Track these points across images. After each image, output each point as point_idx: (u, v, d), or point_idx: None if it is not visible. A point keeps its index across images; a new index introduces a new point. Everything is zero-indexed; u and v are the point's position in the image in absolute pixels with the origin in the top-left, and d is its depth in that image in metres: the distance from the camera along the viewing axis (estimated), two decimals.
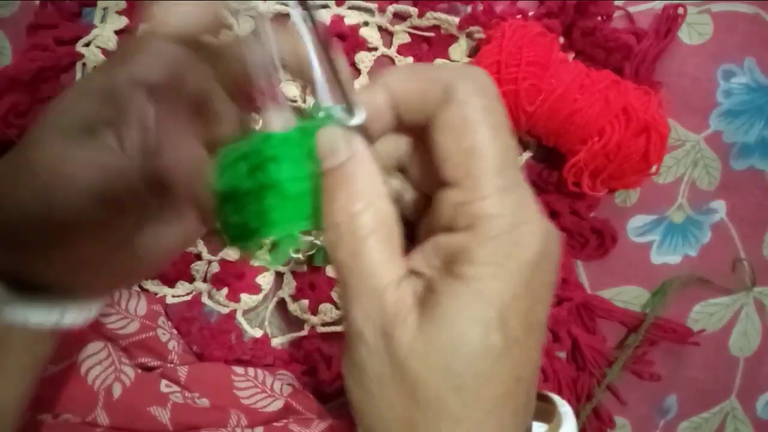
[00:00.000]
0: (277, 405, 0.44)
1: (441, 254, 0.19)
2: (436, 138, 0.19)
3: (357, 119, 0.19)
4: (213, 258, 0.47)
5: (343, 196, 0.19)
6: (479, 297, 0.18)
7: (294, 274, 0.48)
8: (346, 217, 0.19)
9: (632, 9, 0.47)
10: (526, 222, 0.19)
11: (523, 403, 0.19)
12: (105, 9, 0.46)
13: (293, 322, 0.49)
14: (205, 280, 0.48)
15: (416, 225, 0.23)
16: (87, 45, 0.45)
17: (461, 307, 0.18)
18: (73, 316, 0.25)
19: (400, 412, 0.18)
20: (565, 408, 0.22)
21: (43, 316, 0.24)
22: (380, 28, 0.46)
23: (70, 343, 0.37)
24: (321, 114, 0.20)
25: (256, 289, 0.48)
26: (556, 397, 0.23)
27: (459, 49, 0.47)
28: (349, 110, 0.20)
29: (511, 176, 0.19)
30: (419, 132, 0.21)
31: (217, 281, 0.48)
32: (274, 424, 0.42)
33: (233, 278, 0.48)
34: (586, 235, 0.49)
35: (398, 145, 0.22)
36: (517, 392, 0.19)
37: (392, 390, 0.18)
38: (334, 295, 0.48)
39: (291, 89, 0.46)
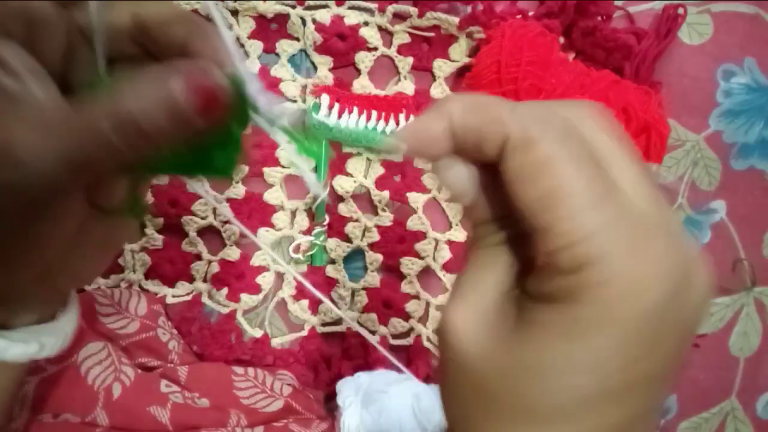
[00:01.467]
0: (277, 405, 0.44)
1: (546, 290, 0.17)
2: (511, 187, 0.17)
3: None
4: (213, 258, 0.47)
5: (476, 222, 0.20)
6: (574, 337, 0.16)
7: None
8: (478, 234, 0.20)
9: (632, 9, 0.47)
10: (647, 262, 0.16)
11: None
12: None
13: (293, 322, 0.49)
14: (205, 280, 0.48)
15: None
16: None
17: (552, 340, 0.17)
18: (51, 342, 0.25)
19: (470, 412, 0.18)
20: None
21: (21, 349, 0.23)
22: (380, 28, 0.46)
23: (70, 342, 0.37)
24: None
25: (256, 289, 0.48)
26: None
27: (459, 49, 0.47)
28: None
29: (616, 208, 0.16)
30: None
31: (217, 281, 0.48)
32: (274, 424, 0.42)
33: (233, 278, 0.48)
34: None
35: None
36: None
37: (465, 390, 0.18)
38: (334, 295, 0.48)
39: (290, 89, 0.46)
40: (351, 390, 0.43)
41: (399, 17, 0.46)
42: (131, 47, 0.22)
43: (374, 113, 0.45)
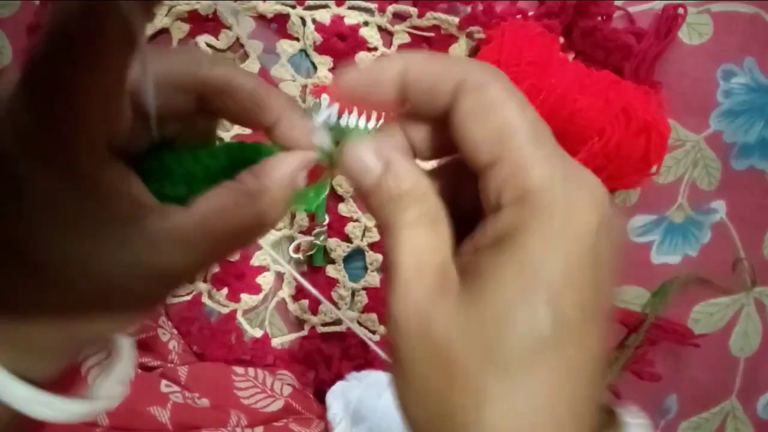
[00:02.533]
0: (277, 405, 0.44)
1: (489, 234, 0.18)
2: (463, 125, 0.19)
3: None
4: None
5: (386, 201, 0.19)
6: (528, 275, 0.16)
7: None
8: (392, 216, 0.19)
9: (632, 9, 0.47)
10: (581, 189, 0.17)
11: (582, 399, 0.17)
12: None
13: (293, 322, 0.49)
14: (205, 280, 0.48)
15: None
16: None
17: (506, 285, 0.17)
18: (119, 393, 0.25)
19: (435, 391, 0.17)
20: (636, 421, 0.19)
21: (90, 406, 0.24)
22: (380, 28, 0.46)
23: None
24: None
25: (256, 289, 0.48)
26: (624, 410, 0.19)
27: (459, 49, 0.47)
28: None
29: (551, 146, 0.18)
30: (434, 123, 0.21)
31: (217, 281, 0.48)
32: (274, 424, 0.42)
33: (233, 278, 0.48)
34: None
35: (412, 134, 0.21)
36: (572, 386, 0.17)
37: (428, 369, 0.17)
38: (334, 295, 0.48)
39: (290, 89, 0.46)
40: (340, 406, 0.43)
41: (399, 17, 0.46)
42: (189, 116, 0.22)
43: (374, 113, 0.45)
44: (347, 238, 0.48)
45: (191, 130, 0.23)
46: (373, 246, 0.48)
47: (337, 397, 0.43)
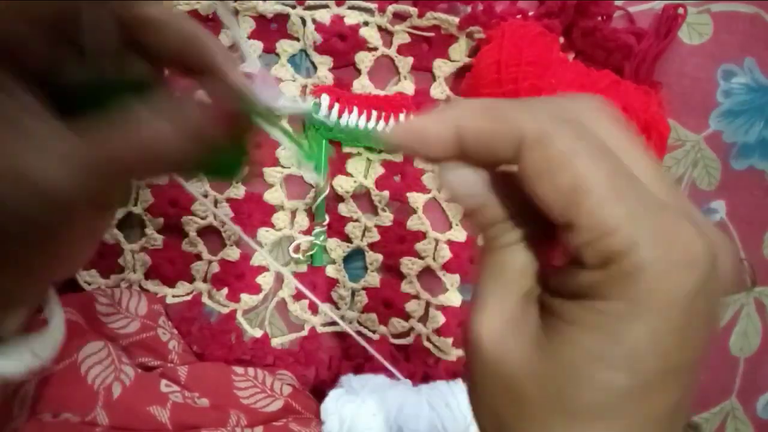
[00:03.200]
0: (277, 405, 0.44)
1: (571, 286, 0.17)
2: (530, 186, 0.17)
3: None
4: (213, 258, 0.47)
5: (488, 223, 0.19)
6: (607, 332, 0.16)
7: (294, 274, 0.48)
8: (492, 236, 0.19)
9: (632, 9, 0.47)
10: (673, 248, 0.16)
11: None
12: None
13: (293, 322, 0.49)
14: (205, 280, 0.48)
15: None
16: None
17: (585, 338, 0.16)
18: (45, 352, 0.24)
19: (501, 419, 0.18)
20: None
21: (15, 364, 0.23)
22: (380, 28, 0.46)
23: (70, 342, 0.37)
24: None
25: (256, 289, 0.48)
26: None
27: (459, 49, 0.47)
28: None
29: (636, 198, 0.16)
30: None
31: (217, 281, 0.48)
32: (274, 423, 0.42)
33: (233, 278, 0.48)
34: None
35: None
36: None
37: (497, 397, 0.18)
38: (334, 295, 0.48)
39: (290, 89, 0.46)
40: (335, 424, 0.42)
41: (399, 17, 0.46)
42: (115, 42, 0.22)
43: (374, 113, 0.45)
44: (347, 238, 0.48)
45: (124, 64, 0.22)
46: (373, 246, 0.48)
47: (332, 414, 0.43)
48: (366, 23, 0.46)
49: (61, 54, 0.21)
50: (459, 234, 0.48)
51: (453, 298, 0.48)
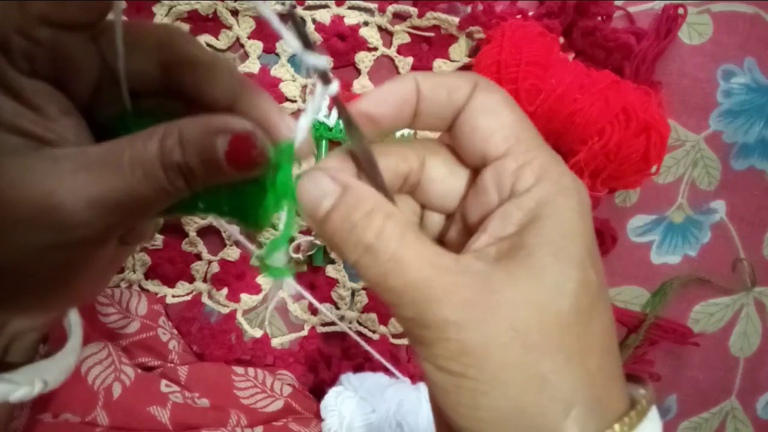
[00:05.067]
0: (277, 405, 0.44)
1: (514, 219, 0.20)
2: (475, 120, 0.21)
3: (333, 88, 0.19)
4: (213, 258, 0.47)
5: (360, 221, 0.19)
6: (570, 238, 0.19)
7: (294, 274, 0.48)
8: (372, 235, 0.18)
9: (632, 9, 0.47)
10: (569, 172, 0.20)
11: (617, 347, 0.20)
12: None
13: (293, 322, 0.49)
14: (205, 280, 0.48)
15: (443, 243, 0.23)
16: None
17: (554, 250, 0.18)
18: (54, 378, 0.24)
19: (519, 370, 0.18)
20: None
21: (26, 390, 0.23)
22: (380, 28, 0.46)
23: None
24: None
25: (256, 289, 0.48)
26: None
27: (459, 49, 0.47)
28: (325, 80, 0.19)
29: (546, 144, 0.21)
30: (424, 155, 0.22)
31: (217, 281, 0.48)
32: (274, 423, 0.42)
33: (233, 278, 0.48)
34: None
35: (404, 164, 0.22)
36: (613, 334, 0.19)
37: (505, 351, 0.18)
38: (333, 295, 0.48)
39: (290, 89, 0.46)
40: (335, 421, 0.43)
41: (399, 17, 0.46)
42: (158, 88, 0.22)
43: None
44: None
45: (167, 108, 0.23)
46: None
47: (332, 410, 0.43)
48: (366, 23, 0.46)
49: (106, 84, 0.21)
50: None
51: None
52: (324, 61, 0.18)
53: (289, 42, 0.17)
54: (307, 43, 0.17)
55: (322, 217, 0.19)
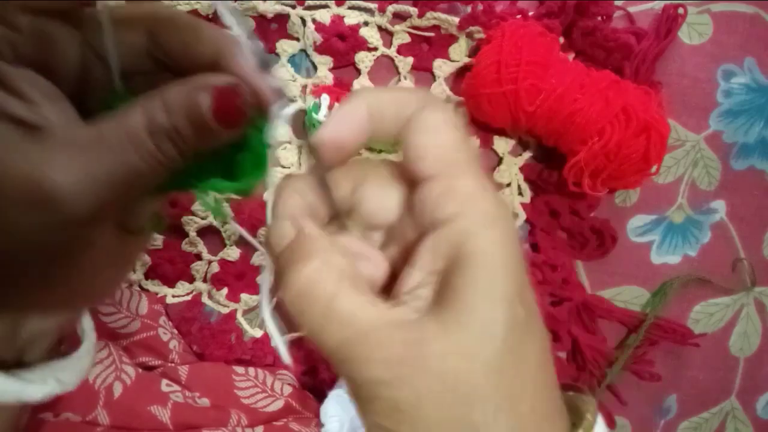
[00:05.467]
0: (278, 405, 0.44)
1: (441, 251, 0.19)
2: (412, 137, 0.21)
3: (288, 109, 0.20)
4: (213, 258, 0.48)
5: (298, 265, 0.19)
6: (494, 274, 0.18)
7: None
8: (305, 281, 0.19)
9: (632, 9, 0.47)
10: (501, 201, 0.20)
11: (554, 376, 0.20)
12: None
13: (293, 322, 0.49)
14: (205, 280, 0.48)
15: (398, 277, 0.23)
16: None
17: (480, 289, 0.18)
18: (69, 378, 0.24)
19: (450, 424, 0.17)
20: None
21: (38, 389, 0.23)
22: (380, 28, 0.46)
23: (70, 342, 0.37)
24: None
25: (256, 289, 0.48)
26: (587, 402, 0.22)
27: (459, 49, 0.47)
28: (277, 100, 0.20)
29: (480, 169, 0.21)
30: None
31: (217, 281, 0.48)
32: (274, 423, 0.42)
33: (233, 278, 0.48)
34: (586, 235, 0.49)
35: (340, 190, 0.22)
36: (547, 364, 0.19)
37: (435, 406, 0.17)
38: None
39: (290, 89, 0.46)
40: (335, 425, 0.43)
41: (399, 17, 0.46)
42: (147, 62, 0.22)
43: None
44: None
45: (152, 85, 0.23)
46: None
47: (332, 416, 0.43)
48: (366, 23, 0.46)
49: (92, 69, 0.21)
50: None
51: None
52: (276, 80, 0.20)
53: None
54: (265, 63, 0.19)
55: (275, 257, 0.20)
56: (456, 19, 0.45)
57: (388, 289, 0.22)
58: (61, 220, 0.18)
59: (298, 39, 0.46)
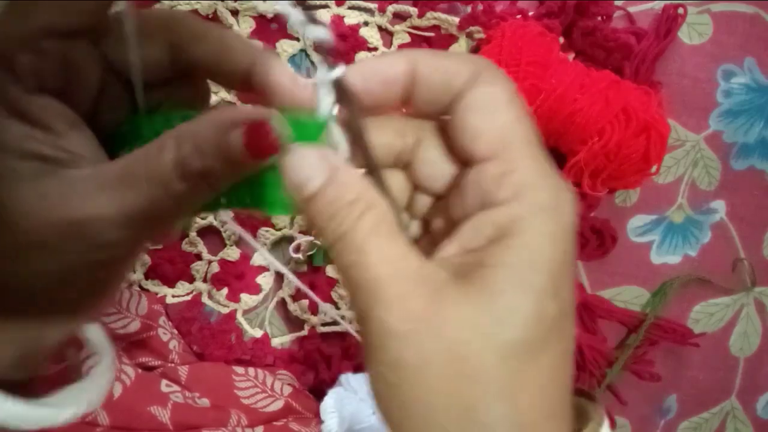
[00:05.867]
0: (278, 405, 0.44)
1: (485, 232, 0.19)
2: (466, 116, 0.19)
3: (337, 72, 0.18)
4: (213, 258, 0.47)
5: (340, 210, 0.18)
6: (532, 265, 0.18)
7: (294, 274, 0.48)
8: (348, 225, 0.18)
9: (632, 9, 0.47)
10: (562, 189, 0.19)
11: (569, 381, 0.19)
12: None
13: (293, 322, 0.49)
14: (205, 280, 0.48)
15: (428, 225, 0.22)
16: None
17: (513, 275, 0.17)
18: (96, 399, 0.24)
19: (453, 397, 0.17)
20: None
21: (72, 412, 0.22)
22: (380, 28, 0.46)
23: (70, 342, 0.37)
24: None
25: (256, 289, 0.48)
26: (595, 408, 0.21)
27: (459, 49, 0.47)
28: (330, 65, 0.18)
29: (542, 153, 0.19)
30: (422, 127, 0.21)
31: (217, 281, 0.48)
32: (274, 423, 0.42)
33: (233, 278, 0.48)
34: (586, 235, 0.49)
35: (399, 140, 0.21)
36: (565, 367, 0.18)
37: (443, 377, 0.17)
38: (334, 295, 0.48)
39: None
40: (335, 423, 0.43)
41: (399, 17, 0.46)
42: (165, 74, 0.22)
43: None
44: None
45: (176, 97, 0.22)
46: None
47: (332, 412, 0.43)
48: (366, 23, 0.46)
49: (109, 87, 0.21)
50: None
51: None
52: (327, 35, 0.18)
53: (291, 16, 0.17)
54: (312, 19, 0.17)
55: (305, 198, 0.18)
56: (456, 19, 0.45)
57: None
58: (98, 260, 0.19)
59: (298, 39, 0.46)
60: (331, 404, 0.44)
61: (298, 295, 0.49)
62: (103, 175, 0.19)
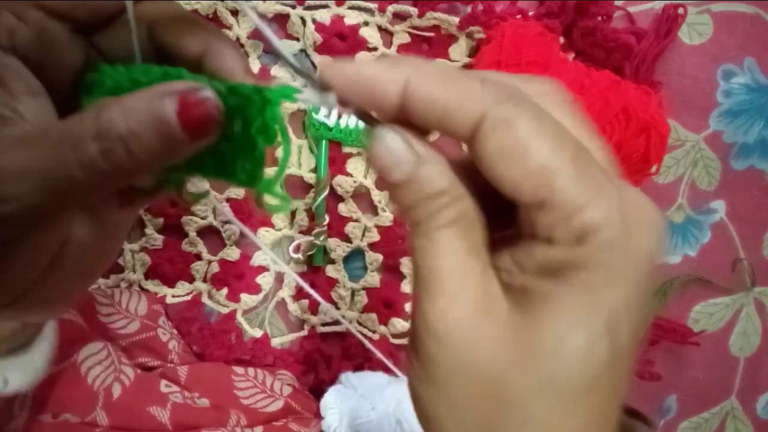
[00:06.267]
0: (277, 405, 0.44)
1: (540, 262, 0.17)
2: (495, 167, 0.17)
3: (328, 100, 0.18)
4: (213, 258, 0.47)
5: (422, 199, 0.17)
6: (587, 303, 0.16)
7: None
8: (428, 213, 0.17)
9: (632, 9, 0.47)
10: (638, 216, 0.17)
11: (614, 424, 0.17)
12: None
13: (293, 322, 0.49)
14: (205, 280, 0.48)
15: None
16: None
17: (565, 311, 0.16)
18: (17, 378, 0.23)
19: (478, 414, 0.17)
20: None
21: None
22: (380, 28, 0.46)
23: (70, 342, 0.37)
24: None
25: (256, 289, 0.48)
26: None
27: (459, 49, 0.47)
28: (320, 88, 0.18)
29: (598, 175, 0.17)
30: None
31: (217, 281, 0.48)
32: (274, 423, 0.42)
33: (233, 278, 0.48)
34: None
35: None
36: (612, 412, 0.17)
37: (471, 389, 0.17)
38: (334, 295, 0.48)
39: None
40: (335, 418, 0.43)
41: (399, 17, 0.46)
42: (150, 56, 0.22)
43: (374, 113, 0.45)
44: (347, 238, 0.48)
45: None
46: (373, 246, 0.48)
47: (331, 408, 0.43)
48: (366, 23, 0.46)
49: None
50: None
51: None
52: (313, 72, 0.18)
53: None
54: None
55: (391, 184, 0.18)
56: (456, 19, 0.45)
57: None
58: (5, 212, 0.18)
59: (298, 39, 0.46)
60: (331, 400, 0.44)
61: (298, 295, 0.49)
62: (28, 133, 0.18)
